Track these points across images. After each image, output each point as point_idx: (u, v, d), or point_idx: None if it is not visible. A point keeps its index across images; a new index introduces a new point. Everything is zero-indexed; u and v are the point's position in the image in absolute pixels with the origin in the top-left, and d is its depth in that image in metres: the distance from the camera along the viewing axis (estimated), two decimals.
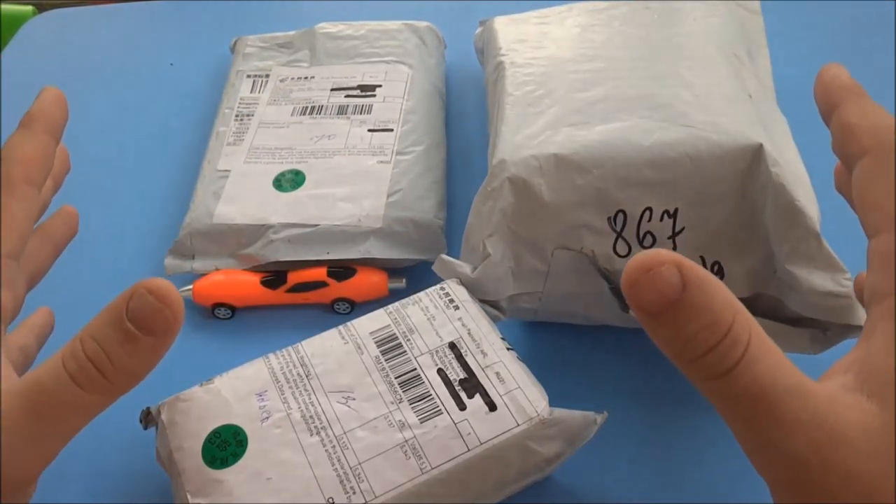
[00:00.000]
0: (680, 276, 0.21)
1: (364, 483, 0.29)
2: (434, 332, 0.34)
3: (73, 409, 0.24)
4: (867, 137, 0.26)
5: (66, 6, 0.72)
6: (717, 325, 0.21)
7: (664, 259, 0.21)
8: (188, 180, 0.50)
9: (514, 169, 0.36)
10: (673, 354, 0.22)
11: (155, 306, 0.24)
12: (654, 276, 0.21)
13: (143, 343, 0.24)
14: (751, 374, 0.21)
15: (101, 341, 0.24)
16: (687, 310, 0.21)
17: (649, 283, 0.21)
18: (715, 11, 0.45)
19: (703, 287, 0.21)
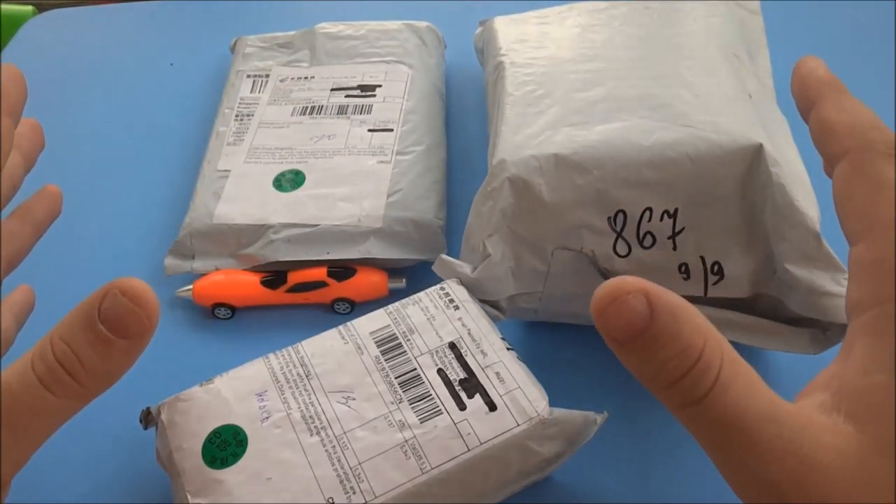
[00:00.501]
0: (648, 304, 0.20)
1: (364, 483, 0.29)
2: (434, 332, 0.34)
3: (41, 413, 0.23)
4: (847, 137, 0.25)
5: (66, 6, 0.72)
6: (688, 351, 0.20)
7: (630, 287, 0.21)
8: (188, 180, 0.50)
9: (514, 169, 0.36)
10: (645, 382, 0.22)
11: (128, 308, 0.23)
12: (621, 304, 0.20)
13: (115, 346, 0.23)
14: (724, 400, 0.20)
15: (71, 343, 0.23)
16: (656, 338, 0.20)
17: (616, 312, 0.21)
18: (715, 11, 0.45)
19: (672, 313, 0.21)
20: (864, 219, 0.23)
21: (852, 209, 0.24)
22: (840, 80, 0.27)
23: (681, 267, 0.36)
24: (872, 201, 0.23)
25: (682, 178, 0.35)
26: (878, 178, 0.23)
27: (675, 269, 0.36)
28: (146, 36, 0.67)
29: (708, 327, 0.21)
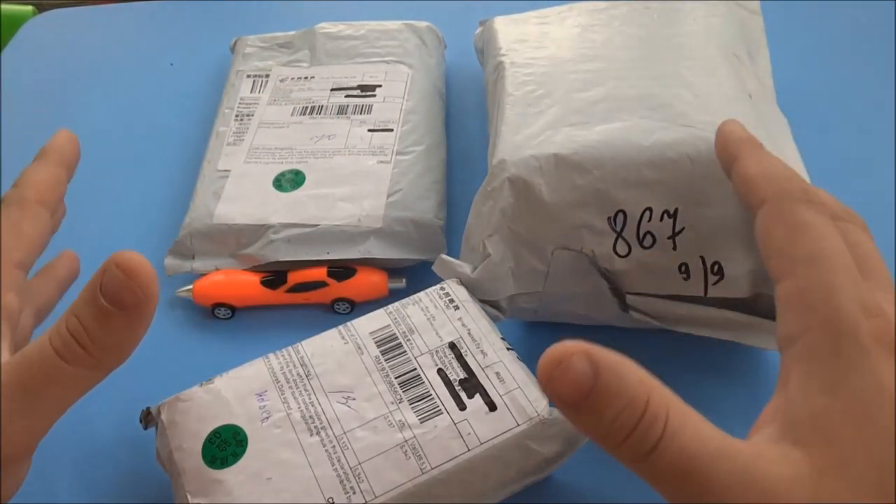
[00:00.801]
0: (591, 364, 0.21)
1: (364, 483, 0.29)
2: (434, 332, 0.34)
3: (58, 382, 0.25)
4: (765, 187, 0.27)
5: (66, 6, 0.72)
6: (634, 405, 0.21)
7: (573, 349, 0.21)
8: (188, 180, 0.50)
9: (514, 169, 0.36)
10: (599, 441, 0.22)
11: (122, 281, 0.24)
12: (566, 367, 0.21)
13: (116, 318, 0.24)
14: (675, 448, 0.21)
15: (80, 317, 0.25)
16: (602, 396, 0.21)
17: (562, 376, 0.21)
18: (715, 11, 0.45)
19: (615, 370, 0.21)
20: (785, 258, 0.25)
21: (774, 250, 0.25)
22: (756, 138, 0.30)
23: (681, 267, 0.36)
24: (791, 241, 0.25)
25: (682, 178, 0.35)
26: (795, 221, 0.25)
27: (675, 269, 0.36)
28: (146, 36, 0.67)
29: (651, 379, 0.22)
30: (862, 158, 0.50)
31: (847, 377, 0.22)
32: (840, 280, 0.23)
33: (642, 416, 0.21)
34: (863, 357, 0.22)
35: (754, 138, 0.30)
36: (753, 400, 0.38)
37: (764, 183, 0.27)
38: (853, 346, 0.22)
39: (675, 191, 0.35)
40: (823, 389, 0.22)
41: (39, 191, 0.31)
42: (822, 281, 0.23)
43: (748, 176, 0.28)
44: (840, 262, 0.24)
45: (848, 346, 0.22)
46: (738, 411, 0.37)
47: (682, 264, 0.36)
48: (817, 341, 0.23)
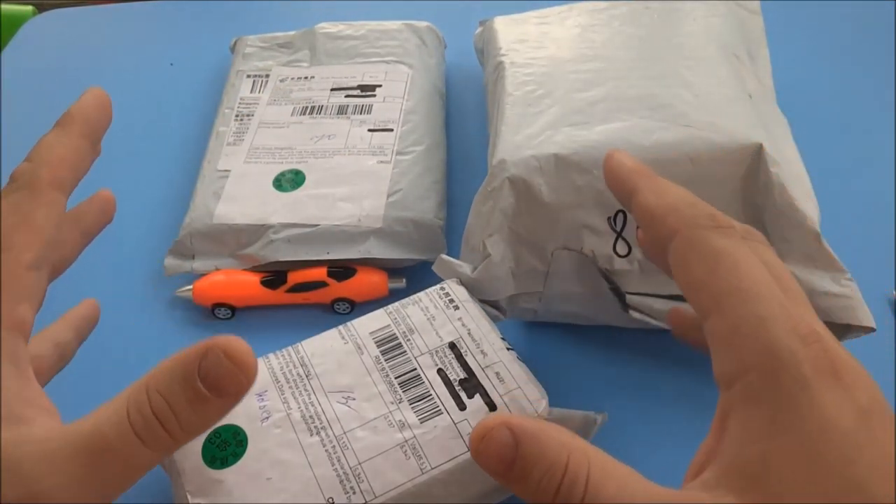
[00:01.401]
0: (511, 434, 0.22)
1: (364, 483, 0.29)
2: (434, 332, 0.34)
3: (135, 466, 0.23)
4: (671, 218, 0.25)
5: (66, 6, 0.72)
6: (554, 468, 0.22)
7: (492, 423, 0.23)
8: (188, 180, 0.50)
9: (514, 169, 0.36)
10: None
11: (231, 370, 0.22)
12: (489, 440, 0.22)
13: (213, 404, 0.23)
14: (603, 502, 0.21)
15: (169, 399, 0.22)
16: (525, 462, 0.22)
17: (486, 448, 0.22)
18: (715, 11, 0.45)
19: (534, 437, 0.22)
20: (709, 292, 0.23)
21: (695, 285, 0.24)
22: (647, 167, 0.28)
23: None
24: (712, 273, 0.24)
25: (682, 178, 0.35)
26: (710, 251, 0.24)
27: None
28: (146, 36, 0.67)
29: (571, 440, 0.22)
30: (862, 158, 0.50)
31: (789, 418, 0.20)
32: (770, 310, 0.22)
33: (563, 477, 0.21)
34: (805, 392, 0.20)
35: (645, 167, 0.28)
36: None
37: (669, 214, 0.25)
38: (794, 382, 0.21)
39: None
40: (763, 434, 0.21)
41: (56, 171, 0.26)
42: (752, 314, 0.22)
43: (650, 208, 0.26)
44: (766, 290, 0.23)
45: (788, 382, 0.21)
46: None
47: None
48: (755, 382, 0.21)
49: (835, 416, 0.20)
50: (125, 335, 0.42)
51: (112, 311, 0.38)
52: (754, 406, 0.21)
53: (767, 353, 0.21)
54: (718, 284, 0.23)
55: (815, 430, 0.20)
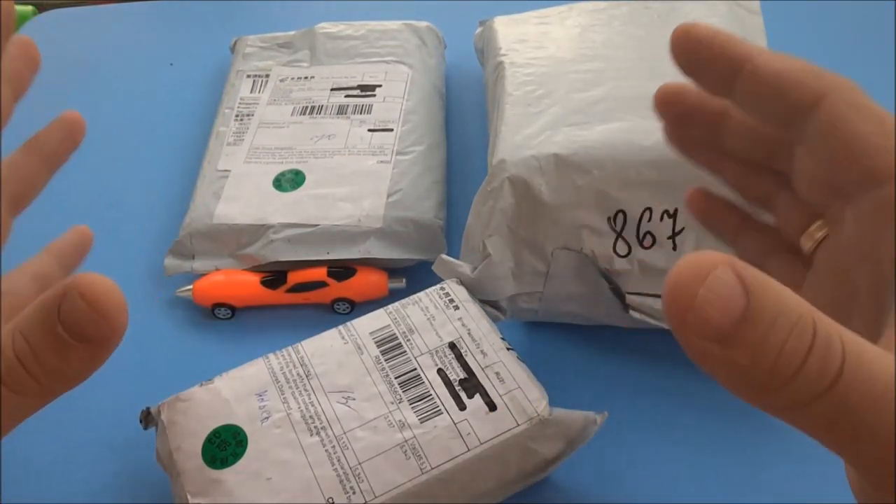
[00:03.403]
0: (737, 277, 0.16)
1: (364, 483, 0.29)
2: (434, 332, 0.34)
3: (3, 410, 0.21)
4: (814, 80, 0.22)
5: (66, 6, 0.72)
6: (802, 322, 0.16)
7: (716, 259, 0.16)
8: (188, 180, 0.50)
9: (514, 169, 0.36)
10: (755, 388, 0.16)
11: (88, 314, 0.20)
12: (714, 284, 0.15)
13: (77, 350, 0.21)
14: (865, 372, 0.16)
15: (31, 341, 0.21)
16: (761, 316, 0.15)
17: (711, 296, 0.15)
18: (715, 11, 0.45)
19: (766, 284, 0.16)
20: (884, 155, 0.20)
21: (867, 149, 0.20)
22: None
23: None
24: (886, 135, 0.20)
25: (682, 179, 0.35)
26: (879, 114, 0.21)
27: None
28: (146, 36, 0.67)
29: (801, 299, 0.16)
30: None
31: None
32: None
33: (814, 338, 0.15)
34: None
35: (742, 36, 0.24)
36: None
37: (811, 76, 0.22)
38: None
39: (675, 191, 0.35)
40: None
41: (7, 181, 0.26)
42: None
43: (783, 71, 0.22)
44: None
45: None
46: (737, 411, 0.38)
47: None
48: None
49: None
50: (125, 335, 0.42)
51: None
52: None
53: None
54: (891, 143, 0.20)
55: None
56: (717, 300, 0.15)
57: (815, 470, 0.34)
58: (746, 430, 0.37)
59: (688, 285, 0.15)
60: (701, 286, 0.15)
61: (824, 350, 0.15)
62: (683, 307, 0.15)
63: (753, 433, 0.36)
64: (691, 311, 0.15)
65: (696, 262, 0.16)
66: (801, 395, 0.16)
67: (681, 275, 0.16)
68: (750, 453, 0.36)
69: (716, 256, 0.16)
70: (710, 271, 0.15)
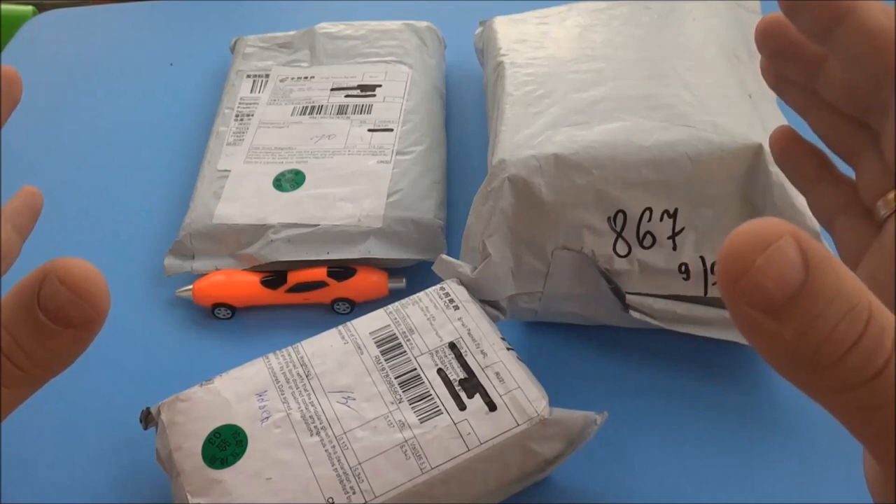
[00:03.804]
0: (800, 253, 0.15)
1: (364, 483, 0.29)
2: (434, 332, 0.34)
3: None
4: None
5: (66, 6, 0.72)
6: (859, 309, 0.15)
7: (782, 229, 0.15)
8: (188, 180, 0.50)
9: (514, 169, 0.36)
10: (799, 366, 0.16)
11: (68, 298, 0.20)
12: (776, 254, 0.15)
13: (61, 336, 0.20)
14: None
15: (12, 331, 0.20)
16: (818, 294, 0.15)
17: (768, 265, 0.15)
18: (715, 11, 0.45)
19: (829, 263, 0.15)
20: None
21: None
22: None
23: (681, 267, 0.36)
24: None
25: (682, 179, 0.35)
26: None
27: (675, 269, 0.36)
28: (146, 36, 0.67)
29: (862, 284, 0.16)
30: None
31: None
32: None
33: (867, 326, 0.15)
34: None
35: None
36: (751, 399, 0.38)
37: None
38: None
39: (675, 191, 0.35)
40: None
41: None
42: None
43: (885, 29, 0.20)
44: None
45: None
46: (737, 411, 0.38)
47: (681, 264, 0.36)
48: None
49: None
50: (125, 335, 0.42)
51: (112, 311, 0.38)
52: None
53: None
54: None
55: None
56: (776, 271, 0.15)
57: (815, 470, 0.34)
58: (746, 431, 0.37)
59: (747, 252, 0.15)
60: (761, 254, 0.15)
61: (875, 340, 0.15)
62: (738, 272, 0.15)
63: (753, 433, 0.36)
64: (746, 276, 0.15)
65: (760, 229, 0.15)
66: (842, 380, 0.16)
67: (741, 239, 0.15)
68: (750, 453, 0.36)
69: (782, 226, 0.15)
70: (774, 240, 0.15)
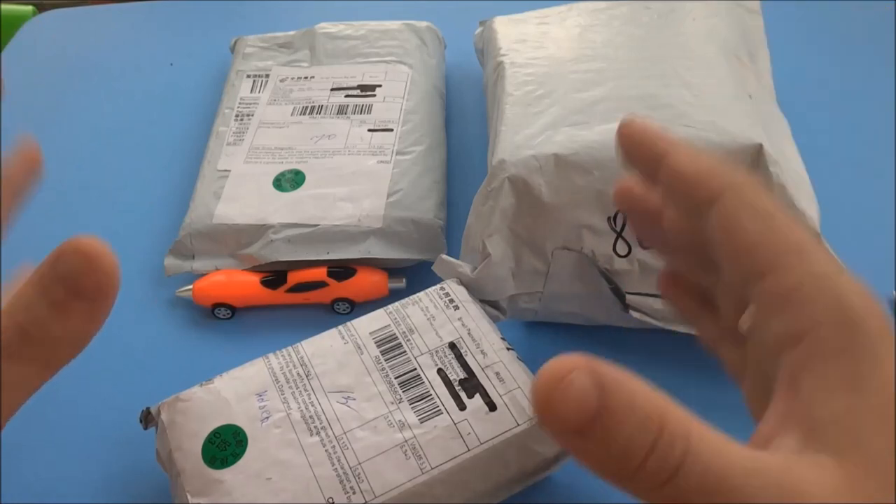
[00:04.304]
0: (594, 380, 0.18)
1: (364, 483, 0.29)
2: (434, 332, 0.34)
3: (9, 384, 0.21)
4: (715, 180, 0.24)
5: (66, 6, 0.72)
6: (649, 422, 0.18)
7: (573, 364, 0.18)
8: (188, 180, 0.50)
9: (514, 169, 0.36)
10: (608, 473, 0.19)
11: (84, 268, 0.21)
12: (569, 386, 0.18)
13: (76, 309, 0.21)
14: (699, 469, 0.18)
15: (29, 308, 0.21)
16: (612, 415, 0.18)
17: (563, 396, 0.18)
18: (715, 11, 0.45)
19: (622, 385, 0.19)
20: (766, 251, 0.23)
21: (749, 245, 0.23)
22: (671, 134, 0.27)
23: None
24: (771, 232, 0.23)
25: None
26: (765, 211, 0.23)
27: None
28: (146, 36, 0.67)
29: (659, 394, 0.19)
30: (862, 158, 0.50)
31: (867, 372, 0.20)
32: (833, 266, 0.22)
33: (659, 436, 0.18)
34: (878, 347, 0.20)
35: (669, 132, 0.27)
36: None
37: (712, 176, 0.24)
38: (866, 336, 0.20)
39: None
40: (845, 387, 0.20)
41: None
42: (817, 270, 0.22)
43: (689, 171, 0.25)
44: (823, 249, 0.22)
45: (862, 337, 0.20)
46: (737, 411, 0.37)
47: None
48: (829, 336, 0.21)
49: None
50: (125, 335, 0.42)
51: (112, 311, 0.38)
52: (832, 360, 0.20)
53: (839, 308, 0.21)
54: (778, 243, 0.22)
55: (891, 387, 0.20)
56: (572, 400, 0.18)
57: None
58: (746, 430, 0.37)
59: (546, 387, 0.18)
60: (556, 389, 0.18)
61: (666, 447, 0.18)
62: (542, 404, 0.18)
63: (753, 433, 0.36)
64: (548, 408, 0.18)
65: (554, 368, 0.18)
66: (647, 483, 0.18)
67: (541, 377, 0.19)
68: None
69: (574, 361, 0.18)
70: (566, 375, 0.18)
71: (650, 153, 0.26)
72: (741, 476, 0.18)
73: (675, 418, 0.19)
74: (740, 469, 0.18)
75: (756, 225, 0.23)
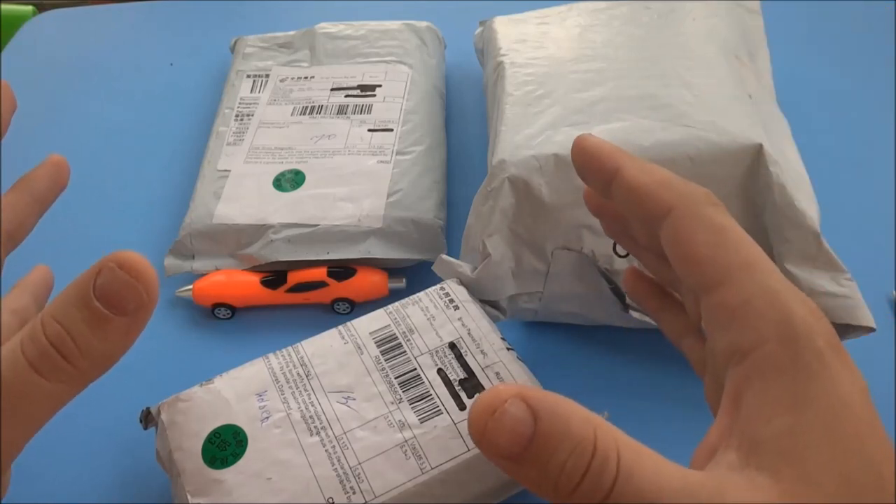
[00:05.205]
0: (527, 408, 0.19)
1: (364, 483, 0.29)
2: (434, 332, 0.34)
3: (34, 400, 0.21)
4: (666, 193, 0.24)
5: (66, 6, 0.72)
6: (582, 445, 0.19)
7: (505, 394, 0.19)
8: (188, 180, 0.50)
9: (514, 169, 0.36)
10: (545, 493, 0.20)
11: (126, 282, 0.21)
12: (501, 416, 0.19)
13: (113, 324, 0.21)
14: (633, 489, 0.19)
15: (65, 323, 0.21)
16: (545, 441, 0.19)
17: (497, 426, 0.19)
18: (715, 11, 0.45)
19: (553, 412, 0.20)
20: (715, 265, 0.23)
21: (699, 259, 0.23)
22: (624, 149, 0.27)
23: None
24: (721, 246, 0.23)
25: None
26: (714, 225, 0.23)
27: None
28: (146, 36, 0.67)
29: (594, 416, 0.20)
30: (862, 158, 0.50)
31: (811, 390, 0.20)
32: (782, 283, 0.22)
33: (592, 458, 0.19)
34: (822, 366, 0.20)
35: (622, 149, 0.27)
36: None
37: (663, 190, 0.25)
38: (812, 354, 0.20)
39: None
40: (786, 406, 0.20)
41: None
42: (766, 286, 0.22)
43: (640, 184, 0.25)
44: (771, 265, 0.22)
45: (807, 354, 0.20)
46: None
47: None
48: (774, 353, 0.21)
49: (848, 392, 0.20)
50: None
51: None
52: (774, 378, 0.21)
53: (785, 324, 0.21)
54: (727, 257, 0.23)
55: (836, 405, 0.20)
56: (506, 429, 0.19)
57: None
58: None
59: (480, 418, 0.20)
60: (490, 418, 0.19)
61: (599, 469, 0.19)
62: (478, 434, 0.20)
63: None
64: (484, 439, 0.19)
65: (489, 398, 0.20)
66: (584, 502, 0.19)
67: (476, 408, 0.20)
68: None
69: (508, 390, 0.19)
70: (499, 405, 0.19)
71: (603, 168, 0.27)
72: (674, 496, 0.19)
73: (607, 439, 0.19)
74: (672, 489, 0.19)
75: (706, 238, 0.23)
